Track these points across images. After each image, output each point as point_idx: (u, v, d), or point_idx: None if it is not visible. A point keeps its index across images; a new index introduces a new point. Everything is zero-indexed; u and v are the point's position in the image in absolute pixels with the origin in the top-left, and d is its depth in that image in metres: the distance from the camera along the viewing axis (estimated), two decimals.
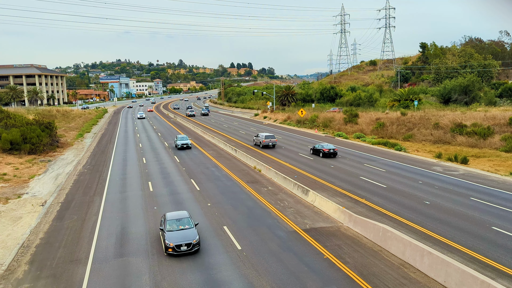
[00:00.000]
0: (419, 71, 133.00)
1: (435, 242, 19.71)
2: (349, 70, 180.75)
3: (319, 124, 70.70)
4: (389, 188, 29.60)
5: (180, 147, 49.49)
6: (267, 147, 50.27)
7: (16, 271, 17.83)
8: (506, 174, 33.28)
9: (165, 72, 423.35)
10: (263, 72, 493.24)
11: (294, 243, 19.91)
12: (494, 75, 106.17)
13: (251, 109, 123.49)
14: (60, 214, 25.54)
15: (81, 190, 31.38)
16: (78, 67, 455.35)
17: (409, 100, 75.55)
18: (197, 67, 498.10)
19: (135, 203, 27.36)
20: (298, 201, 26.93)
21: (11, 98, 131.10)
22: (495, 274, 16.35)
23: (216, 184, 31.95)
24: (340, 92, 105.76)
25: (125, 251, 19.44)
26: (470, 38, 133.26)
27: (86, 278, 16.87)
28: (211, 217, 24.08)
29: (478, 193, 27.79)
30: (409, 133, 54.30)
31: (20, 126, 47.95)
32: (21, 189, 32.08)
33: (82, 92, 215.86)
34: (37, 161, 42.60)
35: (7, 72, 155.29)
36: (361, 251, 18.95)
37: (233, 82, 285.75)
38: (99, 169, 39.09)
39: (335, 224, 22.53)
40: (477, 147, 44.77)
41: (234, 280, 16.29)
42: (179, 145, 49.61)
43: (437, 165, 37.84)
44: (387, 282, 16.02)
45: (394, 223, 22.35)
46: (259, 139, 51.19)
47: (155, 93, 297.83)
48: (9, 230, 22.91)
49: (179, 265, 17.74)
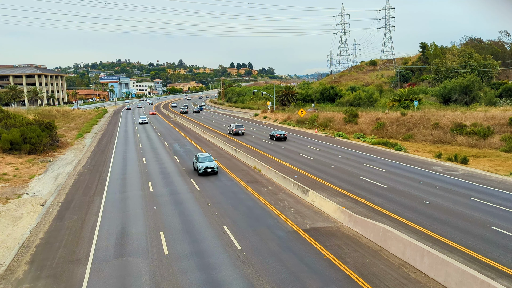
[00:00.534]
0: (419, 71, 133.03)
1: (435, 242, 19.71)
2: (349, 70, 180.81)
3: (319, 124, 70.70)
4: (389, 188, 29.60)
5: (203, 173, 34.70)
6: (238, 134, 63.92)
7: (16, 271, 17.83)
8: (506, 174, 33.27)
9: (165, 72, 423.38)
10: (263, 72, 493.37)
11: (294, 243, 19.91)
12: (494, 75, 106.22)
13: (251, 109, 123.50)
14: (60, 214, 25.54)
15: (81, 190, 31.39)
16: (78, 67, 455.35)
17: (409, 100, 75.57)
18: (197, 67, 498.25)
19: (135, 203, 27.36)
20: (298, 201, 26.93)
21: (11, 98, 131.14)
22: (495, 274, 16.35)
23: (216, 184, 31.94)
24: (340, 92, 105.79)
25: (125, 251, 19.44)
26: (470, 38, 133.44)
27: (86, 278, 16.87)
28: (211, 217, 24.08)
29: (478, 193, 27.79)
30: (409, 133, 54.30)
31: (20, 126, 47.96)
32: (21, 189, 32.08)
33: (82, 92, 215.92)
34: (37, 161, 42.60)
35: (7, 72, 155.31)
36: (361, 251, 18.95)
37: (233, 82, 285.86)
38: (99, 169, 39.09)
39: (335, 224, 22.53)
40: (477, 147, 44.77)
41: (234, 280, 16.29)
42: (201, 169, 34.48)
43: (437, 165, 37.84)
44: (387, 282, 16.02)
45: (394, 223, 22.35)
46: (231, 128, 65.26)
47: (155, 93, 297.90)
48: (9, 230, 22.91)
49: (179, 265, 17.75)
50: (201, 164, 34.97)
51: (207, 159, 35.76)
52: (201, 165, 34.81)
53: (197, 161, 35.70)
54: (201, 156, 36.32)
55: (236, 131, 63.56)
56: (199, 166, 34.73)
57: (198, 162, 35.39)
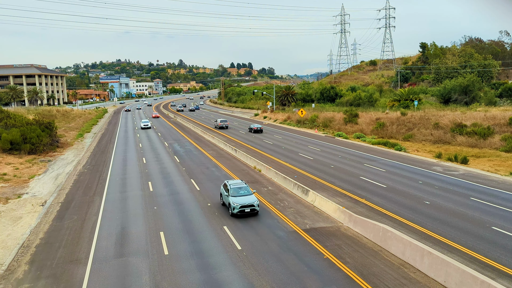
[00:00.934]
0: (419, 71, 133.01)
1: (435, 242, 19.71)
2: (349, 70, 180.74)
3: (319, 124, 70.71)
4: (389, 188, 29.60)
5: (239, 213, 23.59)
6: (222, 128, 72.53)
7: (16, 271, 17.84)
8: (506, 174, 33.27)
9: (165, 72, 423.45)
10: (263, 72, 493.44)
11: (294, 243, 19.91)
12: (494, 75, 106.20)
13: (251, 109, 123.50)
14: (60, 214, 25.54)
15: (81, 190, 31.39)
16: (78, 67, 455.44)
17: (409, 100, 75.53)
18: (197, 67, 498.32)
19: (135, 203, 27.36)
20: (298, 201, 26.93)
21: (11, 98, 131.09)
22: (495, 274, 16.35)
23: (216, 184, 31.93)
24: (340, 92, 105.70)
25: (125, 251, 19.44)
26: (470, 38, 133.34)
27: (86, 278, 16.87)
28: (211, 217, 24.06)
29: (478, 193, 27.79)
30: (409, 133, 54.31)
31: (20, 126, 47.97)
32: (21, 189, 32.08)
33: (82, 92, 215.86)
34: (37, 161, 42.61)
35: (7, 72, 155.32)
36: (361, 251, 18.95)
37: (233, 82, 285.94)
38: (99, 169, 39.09)
39: (335, 224, 22.53)
40: (477, 147, 44.76)
41: (234, 280, 16.29)
42: (235, 207, 23.53)
43: (437, 165, 37.84)
44: (387, 282, 16.02)
45: (394, 223, 22.35)
46: (217, 123, 74.61)
47: (155, 93, 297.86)
48: (9, 230, 22.91)
49: (179, 265, 17.75)
50: (235, 200, 23.80)
51: (243, 191, 24.61)
52: (236, 201, 23.66)
53: (229, 194, 24.46)
54: (234, 186, 24.85)
55: (220, 125, 72.81)
56: (233, 204, 23.62)
57: (230, 196, 24.22)
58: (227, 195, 24.84)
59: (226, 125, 72.91)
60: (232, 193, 24.51)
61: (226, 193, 25.09)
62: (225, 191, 25.49)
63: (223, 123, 73.21)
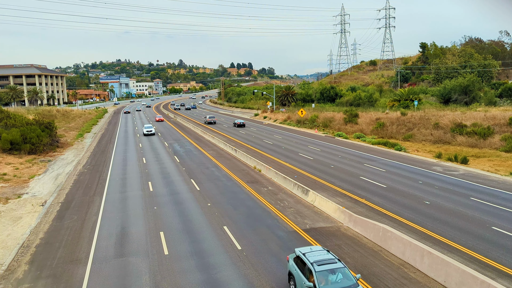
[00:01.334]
0: (419, 71, 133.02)
1: (435, 242, 19.71)
2: (349, 70, 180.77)
3: (319, 124, 70.70)
4: (389, 188, 29.60)
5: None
6: (210, 123, 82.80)
7: (16, 271, 17.84)
8: (506, 174, 33.27)
9: (165, 72, 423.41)
10: (263, 72, 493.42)
11: (294, 243, 19.90)
12: (494, 75, 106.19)
13: (251, 109, 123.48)
14: (60, 214, 25.54)
15: (81, 190, 31.39)
16: (78, 67, 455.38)
17: (409, 100, 75.52)
18: (197, 67, 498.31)
19: (135, 203, 27.37)
20: (298, 201, 26.93)
21: (11, 98, 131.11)
22: (495, 274, 16.35)
23: (216, 184, 31.95)
24: (340, 92, 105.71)
25: (125, 251, 19.44)
26: (470, 38, 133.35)
27: (86, 278, 16.87)
28: (211, 217, 24.09)
29: (478, 193, 27.79)
30: (409, 133, 54.30)
31: (20, 126, 47.97)
32: (21, 189, 32.08)
33: (82, 92, 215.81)
34: (37, 161, 42.61)
35: (7, 72, 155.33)
36: (361, 251, 18.95)
37: (233, 82, 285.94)
38: (99, 169, 39.09)
39: (335, 224, 22.53)
40: (477, 147, 44.76)
41: (234, 280, 16.29)
42: None
43: (437, 165, 37.84)
44: (387, 282, 16.02)
45: (394, 223, 22.35)
46: (205, 119, 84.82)
47: (155, 93, 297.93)
48: (9, 230, 22.91)
49: (179, 265, 17.74)
50: None
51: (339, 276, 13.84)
52: None
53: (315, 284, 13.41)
54: (321, 269, 13.82)
55: (209, 121, 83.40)
56: None
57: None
58: (304, 282, 13.84)
59: (214, 120, 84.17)
60: (319, 281, 13.39)
61: (304, 277, 13.99)
62: (300, 272, 14.35)
63: (211, 119, 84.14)
